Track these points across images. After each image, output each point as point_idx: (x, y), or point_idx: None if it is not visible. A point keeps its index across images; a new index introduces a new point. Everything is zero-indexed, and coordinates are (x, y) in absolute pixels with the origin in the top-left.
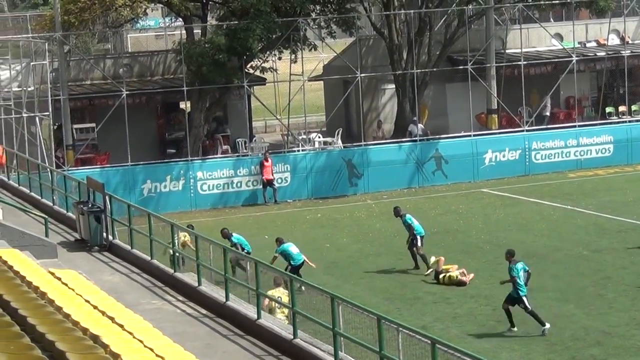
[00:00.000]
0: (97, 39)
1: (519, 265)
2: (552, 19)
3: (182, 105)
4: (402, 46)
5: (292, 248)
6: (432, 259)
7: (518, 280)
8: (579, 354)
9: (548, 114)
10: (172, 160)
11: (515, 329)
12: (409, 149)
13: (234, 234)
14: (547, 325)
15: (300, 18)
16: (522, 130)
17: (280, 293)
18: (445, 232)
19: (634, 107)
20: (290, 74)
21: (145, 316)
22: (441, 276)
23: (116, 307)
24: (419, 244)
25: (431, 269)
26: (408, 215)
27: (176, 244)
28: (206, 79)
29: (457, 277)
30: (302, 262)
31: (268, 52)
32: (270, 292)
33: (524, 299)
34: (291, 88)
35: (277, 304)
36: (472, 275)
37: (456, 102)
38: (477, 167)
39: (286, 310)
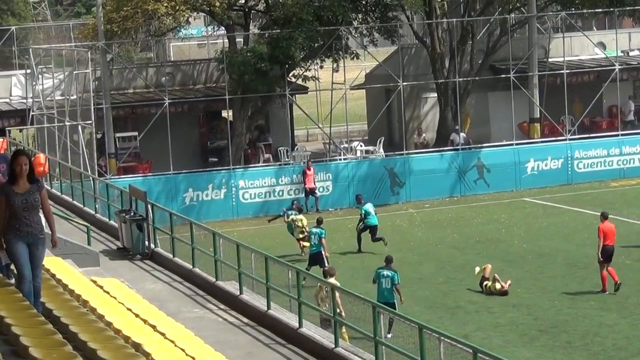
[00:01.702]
0: (139, 47)
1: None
2: (595, 28)
3: (224, 113)
4: (444, 55)
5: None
6: (477, 269)
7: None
8: None
9: (632, 117)
10: (214, 168)
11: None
12: (450, 158)
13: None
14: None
15: (342, 27)
16: (565, 139)
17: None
18: (487, 241)
19: None
20: (332, 83)
21: (186, 325)
22: (485, 284)
23: (158, 316)
24: (376, 233)
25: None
26: (367, 205)
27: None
28: (248, 87)
29: (498, 288)
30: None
31: (310, 61)
32: (321, 283)
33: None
34: (333, 97)
35: (327, 295)
36: (509, 282)
37: (498, 111)
38: (520, 176)
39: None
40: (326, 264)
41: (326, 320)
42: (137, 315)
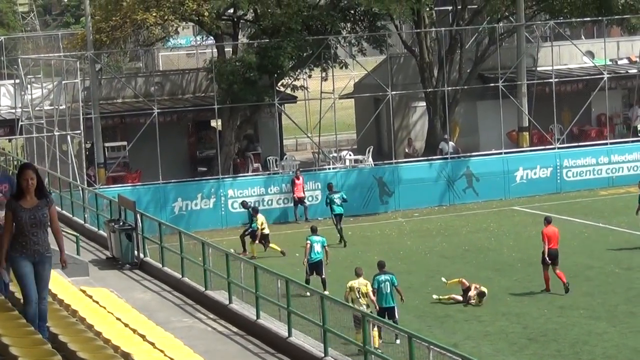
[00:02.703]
0: (128, 57)
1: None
2: (583, 37)
3: (213, 123)
4: (433, 64)
5: (316, 245)
6: (444, 279)
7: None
8: None
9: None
10: (203, 178)
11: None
12: (439, 167)
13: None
14: None
15: (331, 36)
16: (554, 148)
17: (360, 284)
18: (476, 250)
19: None
20: (321, 92)
21: (176, 334)
22: (469, 295)
23: (147, 325)
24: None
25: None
26: (337, 195)
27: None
28: (237, 97)
29: (476, 293)
30: (319, 261)
31: (299, 70)
32: (350, 283)
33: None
34: (322, 106)
35: (357, 294)
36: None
37: (487, 120)
38: (508, 185)
39: (365, 299)
40: (324, 274)
41: (358, 321)
42: (126, 325)
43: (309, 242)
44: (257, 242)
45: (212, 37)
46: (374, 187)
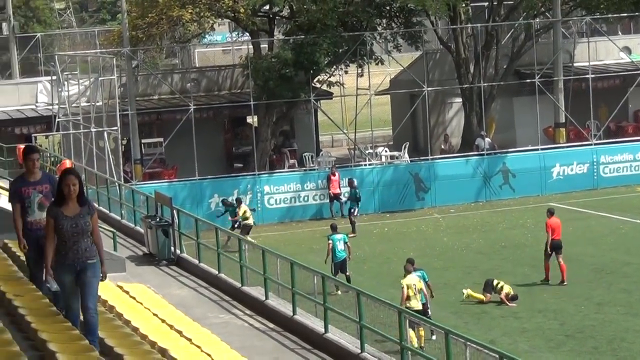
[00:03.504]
0: (164, 54)
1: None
2: (620, 32)
3: (249, 119)
4: (469, 60)
5: (339, 243)
6: (465, 292)
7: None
8: None
9: None
10: (239, 174)
11: None
12: (476, 163)
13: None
14: None
15: (367, 32)
16: (590, 144)
17: (414, 280)
18: (513, 246)
19: None
20: (357, 88)
21: (212, 330)
22: (500, 286)
23: (184, 321)
24: (355, 212)
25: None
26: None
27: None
28: (273, 93)
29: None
30: (344, 259)
31: (335, 67)
32: (405, 281)
33: None
34: (358, 102)
35: (414, 291)
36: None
37: (523, 116)
38: (545, 181)
39: (418, 295)
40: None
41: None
42: (163, 321)
43: (330, 241)
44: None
45: (247, 34)
46: (410, 184)
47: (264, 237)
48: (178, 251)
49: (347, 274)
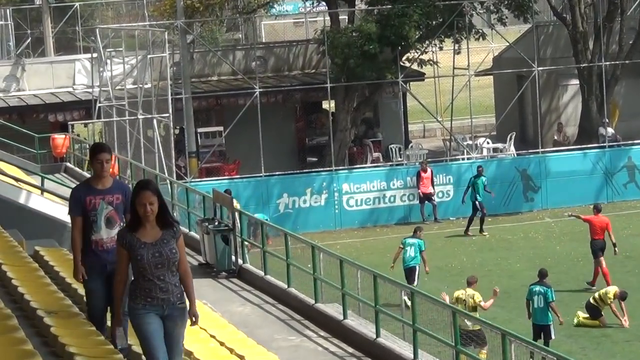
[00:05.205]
0: (225, 27)
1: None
2: None
3: (325, 105)
4: (588, 34)
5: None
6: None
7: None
8: None
9: None
10: (314, 170)
11: None
12: (595, 157)
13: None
14: None
15: (466, 1)
16: None
17: (468, 295)
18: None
19: None
20: (454, 68)
21: (281, 355)
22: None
23: (247, 344)
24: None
25: None
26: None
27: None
28: (354, 73)
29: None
30: (412, 268)
31: (427, 42)
32: (457, 293)
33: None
34: (455, 84)
35: (464, 307)
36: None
37: None
38: None
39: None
40: (416, 281)
41: (469, 339)
42: (222, 344)
43: (401, 245)
44: None
45: (324, 3)
46: (516, 182)
47: (342, 245)
48: (240, 261)
49: (414, 284)
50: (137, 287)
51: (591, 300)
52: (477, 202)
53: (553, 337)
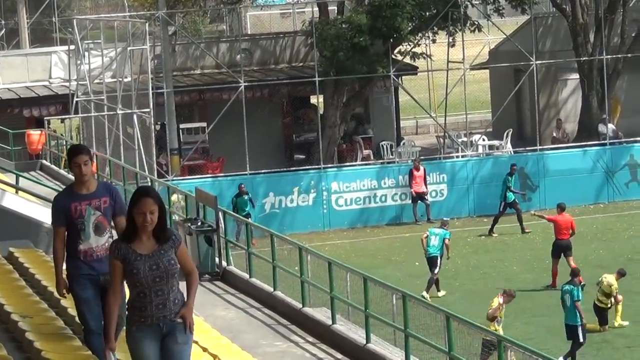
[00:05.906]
0: (209, 18)
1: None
2: None
3: (313, 100)
4: (589, 26)
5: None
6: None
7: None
8: None
9: None
10: (301, 168)
11: None
12: (596, 155)
13: None
14: None
15: None
16: None
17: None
18: None
19: None
20: (448, 62)
21: None
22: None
23: (231, 350)
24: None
25: None
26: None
27: None
28: (343, 67)
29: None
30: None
31: (420, 34)
32: (495, 300)
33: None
34: (449, 79)
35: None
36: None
37: None
38: None
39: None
40: (438, 268)
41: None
42: (205, 349)
43: (426, 233)
44: None
45: None
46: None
47: (330, 247)
48: (224, 263)
49: (433, 274)
50: (130, 306)
51: (597, 302)
52: (505, 203)
53: (582, 340)
